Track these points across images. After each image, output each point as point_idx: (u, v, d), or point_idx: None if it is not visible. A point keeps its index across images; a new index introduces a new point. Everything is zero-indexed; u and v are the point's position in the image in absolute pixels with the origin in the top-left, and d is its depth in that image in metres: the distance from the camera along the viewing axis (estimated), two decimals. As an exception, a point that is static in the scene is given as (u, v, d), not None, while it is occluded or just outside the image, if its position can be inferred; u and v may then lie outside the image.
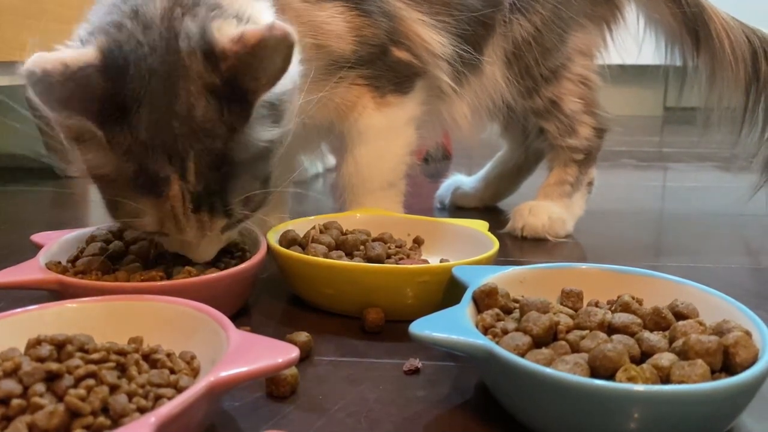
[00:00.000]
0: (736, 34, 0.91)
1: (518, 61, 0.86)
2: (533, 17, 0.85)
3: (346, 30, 0.72)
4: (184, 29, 0.54)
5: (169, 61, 0.54)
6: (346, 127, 0.78)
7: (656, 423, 0.38)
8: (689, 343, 0.42)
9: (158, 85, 0.53)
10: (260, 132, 0.57)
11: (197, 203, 0.55)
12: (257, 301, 0.65)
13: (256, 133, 0.56)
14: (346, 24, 0.72)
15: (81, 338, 0.42)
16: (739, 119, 0.94)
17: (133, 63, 0.53)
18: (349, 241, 0.67)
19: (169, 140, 0.53)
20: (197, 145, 0.54)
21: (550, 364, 0.42)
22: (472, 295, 0.51)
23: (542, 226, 0.89)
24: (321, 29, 0.71)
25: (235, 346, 0.42)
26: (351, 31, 0.72)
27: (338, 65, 0.73)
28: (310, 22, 0.70)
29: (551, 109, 0.90)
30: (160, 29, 0.54)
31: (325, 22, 0.71)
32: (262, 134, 0.57)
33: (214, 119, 0.54)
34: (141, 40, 0.54)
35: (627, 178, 1.41)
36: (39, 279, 0.57)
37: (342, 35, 0.72)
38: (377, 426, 0.44)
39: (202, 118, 0.54)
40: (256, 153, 0.57)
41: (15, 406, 0.36)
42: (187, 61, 0.53)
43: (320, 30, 0.71)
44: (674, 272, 0.55)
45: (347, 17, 0.72)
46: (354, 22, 0.72)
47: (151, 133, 0.53)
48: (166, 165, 0.54)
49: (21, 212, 1.04)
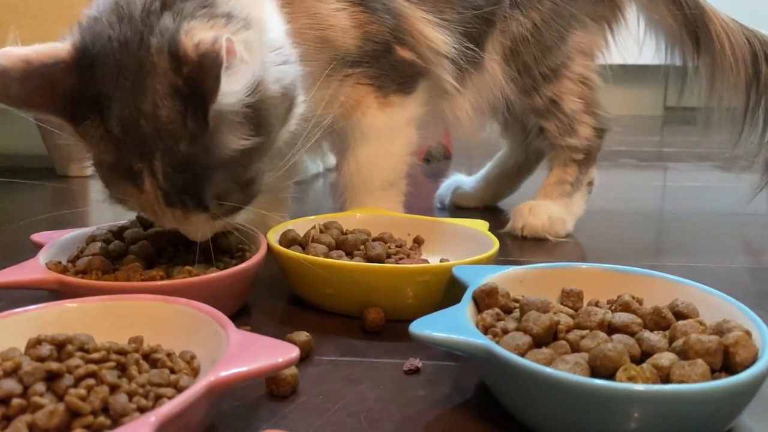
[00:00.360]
0: (736, 36, 0.91)
1: (517, 58, 0.86)
2: (531, 14, 0.85)
3: (351, 25, 0.72)
4: (159, 25, 0.53)
5: (139, 57, 0.53)
6: (348, 127, 0.78)
7: (656, 423, 0.38)
8: (689, 343, 0.42)
9: (127, 81, 0.53)
10: (230, 140, 0.55)
11: (168, 199, 0.55)
12: (257, 300, 0.65)
13: (224, 140, 0.55)
14: (351, 19, 0.72)
15: (81, 338, 0.42)
16: (740, 121, 0.94)
17: (103, 59, 0.53)
18: (349, 241, 0.67)
19: (138, 138, 0.53)
20: (162, 145, 0.53)
21: (550, 364, 0.42)
22: (473, 295, 0.51)
23: (542, 225, 0.89)
24: (326, 22, 0.71)
25: (235, 345, 0.41)
26: (355, 26, 0.73)
27: (343, 61, 0.73)
28: (317, 14, 0.70)
29: (551, 109, 0.90)
30: (136, 24, 0.53)
31: (331, 15, 0.71)
32: (232, 142, 0.55)
33: (177, 121, 0.53)
34: (112, 35, 0.53)
35: (627, 178, 1.41)
36: (39, 279, 0.57)
37: (346, 30, 0.72)
38: (377, 426, 0.44)
39: (167, 119, 0.53)
40: (227, 159, 0.55)
41: (15, 406, 0.36)
42: (156, 58, 0.52)
43: (325, 23, 0.71)
44: (674, 272, 0.55)
45: (352, 12, 0.72)
46: (358, 18, 0.73)
47: (120, 129, 0.53)
48: (137, 160, 0.54)
49: (21, 212, 1.04)
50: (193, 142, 0.53)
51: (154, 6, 0.54)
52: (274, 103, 0.58)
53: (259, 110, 0.56)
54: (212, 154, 0.54)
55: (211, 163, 0.55)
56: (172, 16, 0.53)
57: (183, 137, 0.53)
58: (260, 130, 0.57)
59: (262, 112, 0.57)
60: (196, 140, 0.53)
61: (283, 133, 0.63)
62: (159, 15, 0.54)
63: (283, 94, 0.59)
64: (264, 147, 0.59)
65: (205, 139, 0.53)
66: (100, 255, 0.61)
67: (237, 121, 0.55)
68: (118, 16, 0.54)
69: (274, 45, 0.60)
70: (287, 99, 0.61)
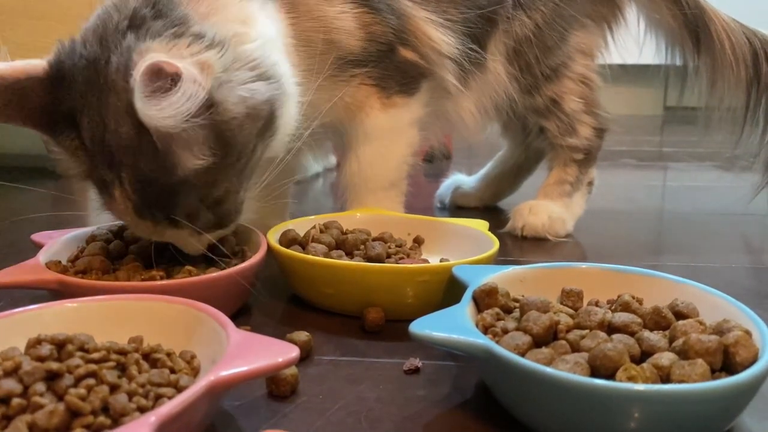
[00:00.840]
0: (736, 35, 0.91)
1: (519, 58, 0.86)
2: (534, 14, 0.85)
3: (356, 26, 0.73)
4: (122, 45, 0.54)
5: (104, 74, 0.55)
6: (351, 127, 0.78)
7: (656, 422, 0.38)
8: (689, 343, 0.42)
9: (94, 97, 0.55)
10: (186, 159, 0.55)
11: (138, 211, 0.57)
12: (257, 300, 0.65)
13: (178, 159, 0.54)
14: (356, 20, 0.72)
15: (81, 338, 0.42)
16: (740, 120, 0.94)
17: (74, 76, 0.56)
18: (349, 241, 0.67)
19: (106, 151, 0.55)
20: (126, 160, 0.55)
21: (550, 364, 0.42)
22: (472, 295, 0.51)
23: (542, 225, 0.89)
24: (332, 24, 0.71)
25: (235, 345, 0.41)
26: (360, 27, 0.73)
27: (347, 61, 0.73)
28: (322, 17, 0.71)
29: (552, 108, 0.90)
30: (106, 42, 0.55)
31: (336, 17, 0.71)
32: (188, 162, 0.55)
33: (134, 138, 0.54)
34: (83, 53, 0.56)
35: (627, 178, 1.41)
36: (39, 278, 0.57)
37: (352, 31, 0.72)
38: (377, 425, 0.44)
39: (126, 135, 0.54)
40: (187, 177, 0.55)
41: (15, 406, 0.36)
42: (114, 76, 0.54)
43: (331, 25, 0.71)
44: (674, 272, 0.55)
45: (356, 13, 0.72)
46: (363, 19, 0.73)
47: (91, 142, 0.56)
48: (108, 172, 0.56)
49: (21, 211, 1.04)
50: (151, 159, 0.54)
51: (122, 25, 0.56)
52: (238, 124, 0.56)
53: (217, 130, 0.55)
54: (170, 173, 0.55)
55: (172, 181, 0.55)
56: (136, 36, 0.55)
57: (141, 154, 0.54)
58: (222, 150, 0.56)
59: (223, 133, 0.55)
60: (153, 157, 0.54)
61: (260, 152, 0.61)
62: (125, 34, 0.55)
63: (248, 114, 0.57)
64: (230, 167, 0.58)
65: (159, 157, 0.54)
66: (100, 255, 0.61)
67: (190, 141, 0.54)
68: (93, 33, 0.56)
69: (246, 59, 0.58)
70: (257, 119, 0.58)
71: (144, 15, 0.56)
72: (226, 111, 0.55)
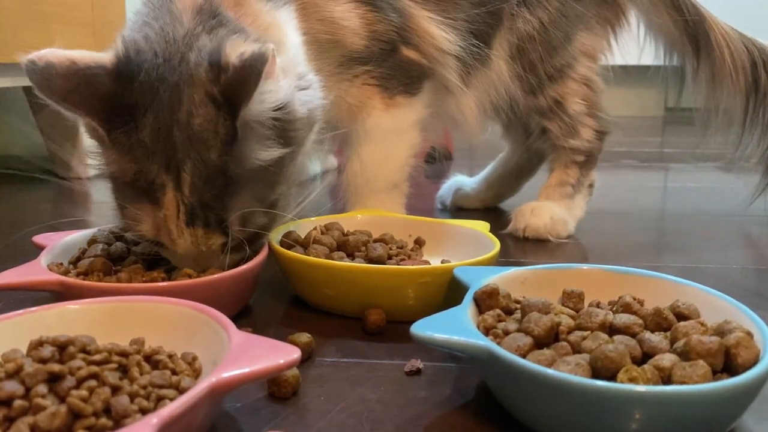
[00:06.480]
0: (735, 44, 0.92)
1: (523, 57, 0.87)
2: (539, 12, 0.86)
3: (360, 25, 0.73)
4: (198, 44, 0.57)
5: (179, 70, 0.56)
6: (353, 127, 0.78)
7: (657, 424, 0.38)
8: (690, 344, 0.42)
9: (165, 93, 0.55)
10: (257, 150, 0.57)
11: (191, 216, 0.56)
12: (259, 302, 0.65)
13: (252, 150, 0.57)
14: (360, 19, 0.73)
15: (83, 339, 0.42)
16: (739, 127, 0.95)
17: (145, 71, 0.56)
18: (350, 242, 0.67)
19: (168, 147, 0.55)
20: (193, 154, 0.55)
21: (551, 365, 0.42)
22: (474, 296, 0.51)
23: (544, 226, 0.89)
24: (338, 24, 0.72)
25: (236, 347, 0.42)
26: (364, 26, 0.74)
27: (350, 60, 0.74)
28: (329, 18, 0.72)
29: (555, 109, 0.90)
30: (179, 44, 0.57)
31: (343, 17, 0.72)
32: (260, 153, 0.57)
33: (210, 129, 0.55)
34: (158, 51, 0.57)
35: (628, 179, 1.41)
36: (41, 280, 0.57)
37: (357, 31, 0.73)
38: (378, 427, 0.44)
39: (200, 126, 0.55)
40: (254, 172, 0.57)
41: (17, 407, 0.36)
42: (194, 70, 0.56)
43: (337, 25, 0.72)
44: (675, 273, 0.55)
45: (360, 12, 0.73)
46: (367, 18, 0.74)
47: (152, 138, 0.55)
48: (162, 173, 0.55)
49: (23, 213, 1.05)
50: (224, 149, 0.55)
51: (196, 31, 0.58)
52: (302, 125, 0.61)
53: (285, 126, 0.59)
54: (240, 165, 0.56)
55: (240, 173, 0.56)
56: (210, 38, 0.58)
57: (214, 145, 0.55)
58: (285, 145, 0.59)
59: (289, 130, 0.59)
60: (226, 148, 0.55)
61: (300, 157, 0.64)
62: (198, 37, 0.58)
63: (308, 117, 0.62)
64: (287, 167, 0.61)
65: (234, 147, 0.55)
66: (101, 256, 0.62)
67: (264, 133, 0.57)
68: (163, 37, 0.58)
69: (300, 72, 0.63)
70: (310, 123, 0.63)
71: (211, 24, 0.59)
72: (294, 111, 0.59)
